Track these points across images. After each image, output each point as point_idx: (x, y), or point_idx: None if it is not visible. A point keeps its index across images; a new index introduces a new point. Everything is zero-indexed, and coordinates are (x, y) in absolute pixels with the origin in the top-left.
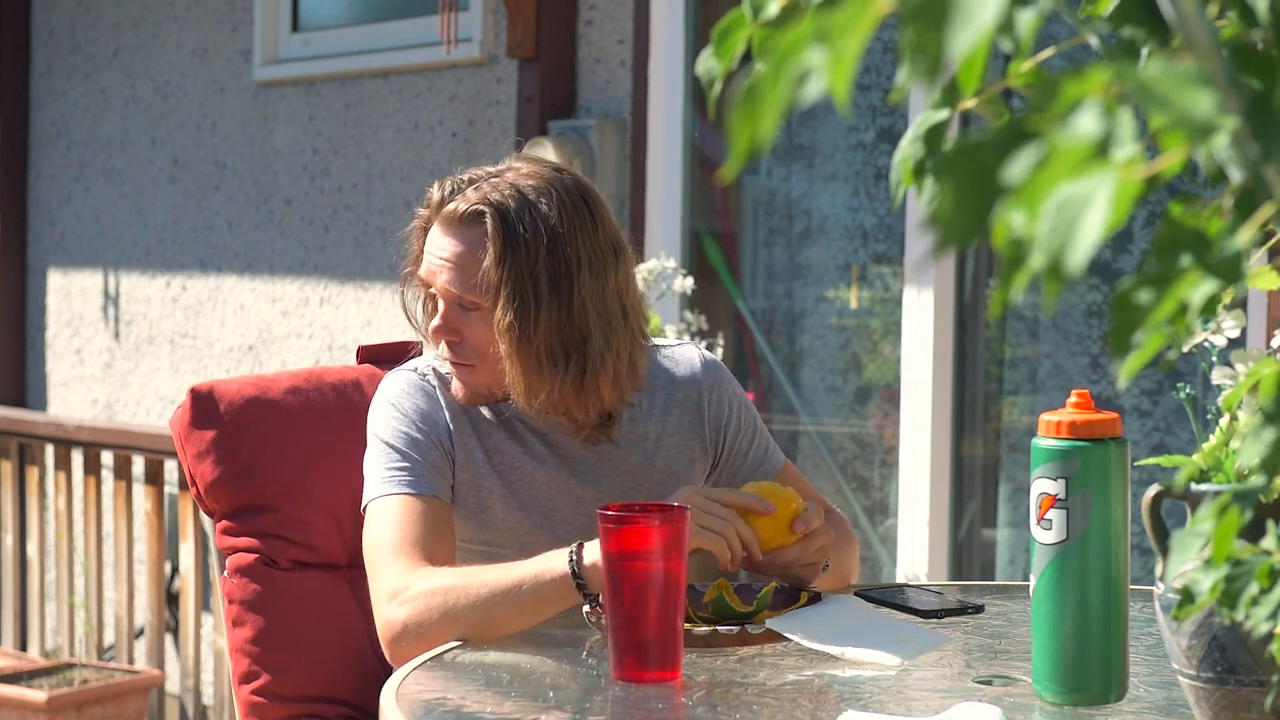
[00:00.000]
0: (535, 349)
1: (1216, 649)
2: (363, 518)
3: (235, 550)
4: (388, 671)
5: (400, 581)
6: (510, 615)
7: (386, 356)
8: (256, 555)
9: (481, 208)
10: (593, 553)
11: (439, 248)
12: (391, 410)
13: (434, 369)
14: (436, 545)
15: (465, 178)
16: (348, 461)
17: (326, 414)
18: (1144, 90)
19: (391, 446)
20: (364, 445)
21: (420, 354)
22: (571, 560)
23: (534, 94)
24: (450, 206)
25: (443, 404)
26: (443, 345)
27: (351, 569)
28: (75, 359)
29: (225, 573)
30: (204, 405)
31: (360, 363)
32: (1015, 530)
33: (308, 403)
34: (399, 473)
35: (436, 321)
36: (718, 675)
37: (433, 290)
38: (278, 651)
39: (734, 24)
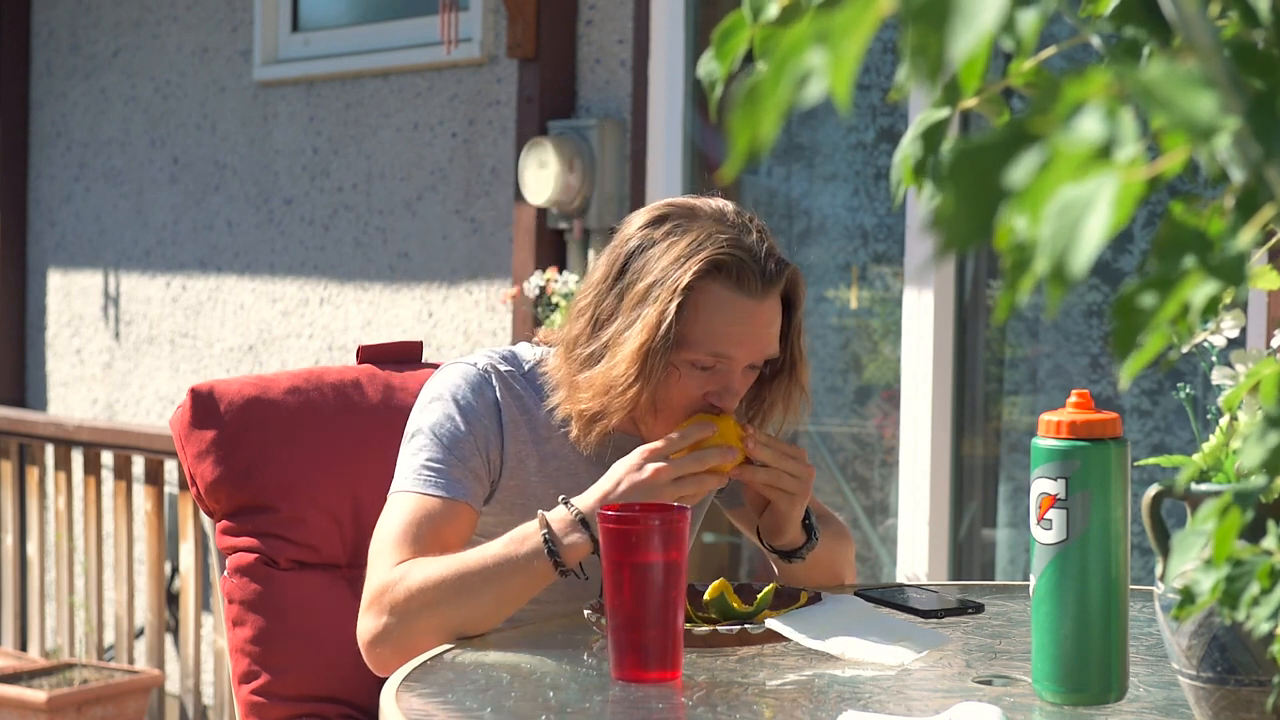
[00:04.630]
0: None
1: (1216, 649)
2: (366, 515)
3: (235, 550)
4: None
5: (386, 578)
6: (493, 612)
7: (387, 356)
8: (256, 555)
9: (794, 273)
10: (569, 534)
11: (761, 319)
12: (445, 404)
13: (494, 367)
14: (438, 551)
15: (754, 237)
16: (348, 462)
17: (326, 414)
18: (1145, 91)
19: (435, 441)
20: (365, 444)
21: (420, 354)
22: (547, 540)
23: (534, 94)
24: (773, 276)
25: (500, 406)
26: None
27: (351, 569)
28: (75, 359)
29: (225, 573)
30: (204, 405)
31: (360, 363)
32: (1015, 530)
33: (308, 403)
34: (432, 473)
35: (729, 395)
36: (718, 675)
37: (711, 365)
38: (278, 651)
39: (735, 26)
